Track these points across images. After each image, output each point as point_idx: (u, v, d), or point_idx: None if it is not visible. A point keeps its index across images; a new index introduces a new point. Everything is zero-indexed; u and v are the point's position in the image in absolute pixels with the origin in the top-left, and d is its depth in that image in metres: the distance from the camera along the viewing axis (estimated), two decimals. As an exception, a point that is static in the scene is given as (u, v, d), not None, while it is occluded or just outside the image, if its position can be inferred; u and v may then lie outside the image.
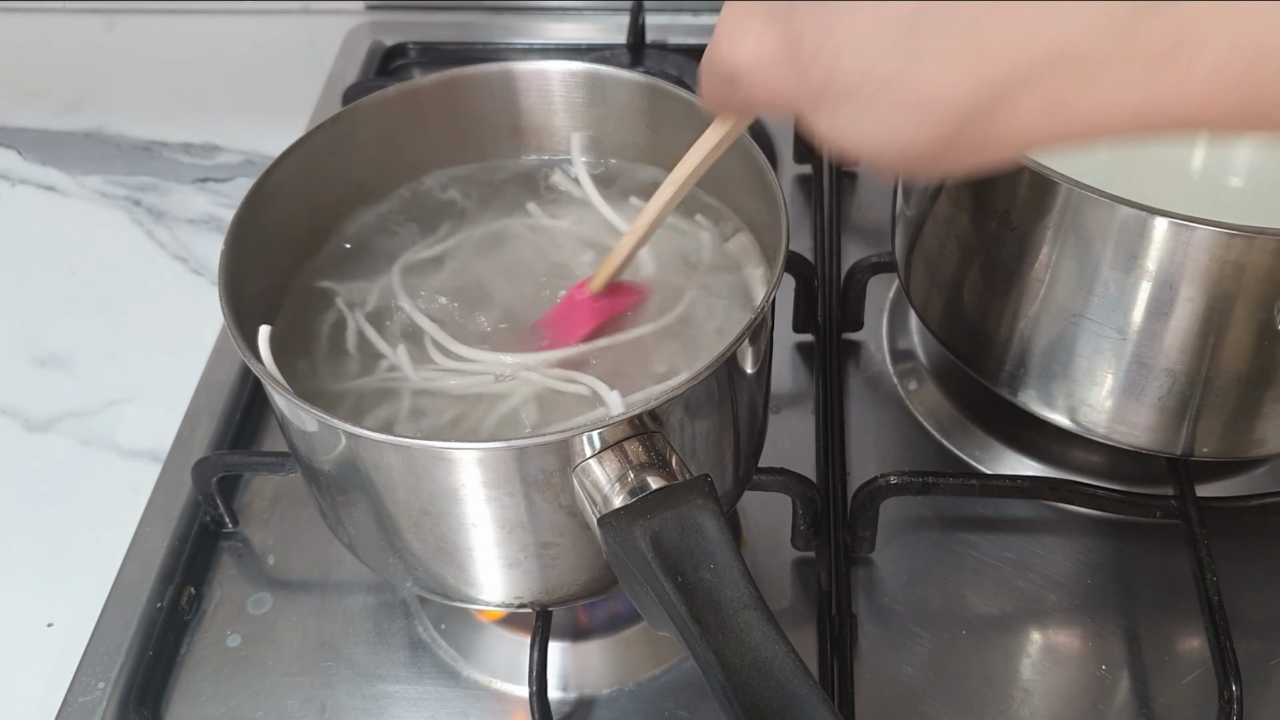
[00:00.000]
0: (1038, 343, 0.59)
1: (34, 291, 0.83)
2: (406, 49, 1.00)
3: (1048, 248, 0.55)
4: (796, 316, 0.75)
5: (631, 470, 0.44)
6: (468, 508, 0.47)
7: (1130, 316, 0.55)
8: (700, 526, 0.42)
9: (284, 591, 0.64)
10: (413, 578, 0.53)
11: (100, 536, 0.66)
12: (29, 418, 0.75)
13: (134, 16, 1.08)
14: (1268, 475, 0.67)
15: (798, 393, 0.73)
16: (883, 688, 0.59)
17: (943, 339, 0.66)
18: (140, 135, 0.95)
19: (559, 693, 0.59)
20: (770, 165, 0.54)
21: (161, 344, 0.78)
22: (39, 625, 0.63)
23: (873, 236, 0.82)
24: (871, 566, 0.64)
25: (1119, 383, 0.57)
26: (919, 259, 0.66)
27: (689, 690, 0.59)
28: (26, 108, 0.98)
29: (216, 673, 0.61)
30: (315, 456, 0.50)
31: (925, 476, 0.63)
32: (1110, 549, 0.64)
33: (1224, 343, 0.54)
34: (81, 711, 0.59)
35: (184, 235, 0.87)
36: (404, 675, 0.60)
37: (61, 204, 0.90)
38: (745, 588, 0.41)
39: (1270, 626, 0.61)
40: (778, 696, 0.39)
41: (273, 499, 0.68)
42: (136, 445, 0.72)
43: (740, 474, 0.56)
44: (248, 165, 0.92)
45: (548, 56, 0.60)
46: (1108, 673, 0.59)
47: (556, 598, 0.52)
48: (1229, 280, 0.51)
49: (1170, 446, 0.59)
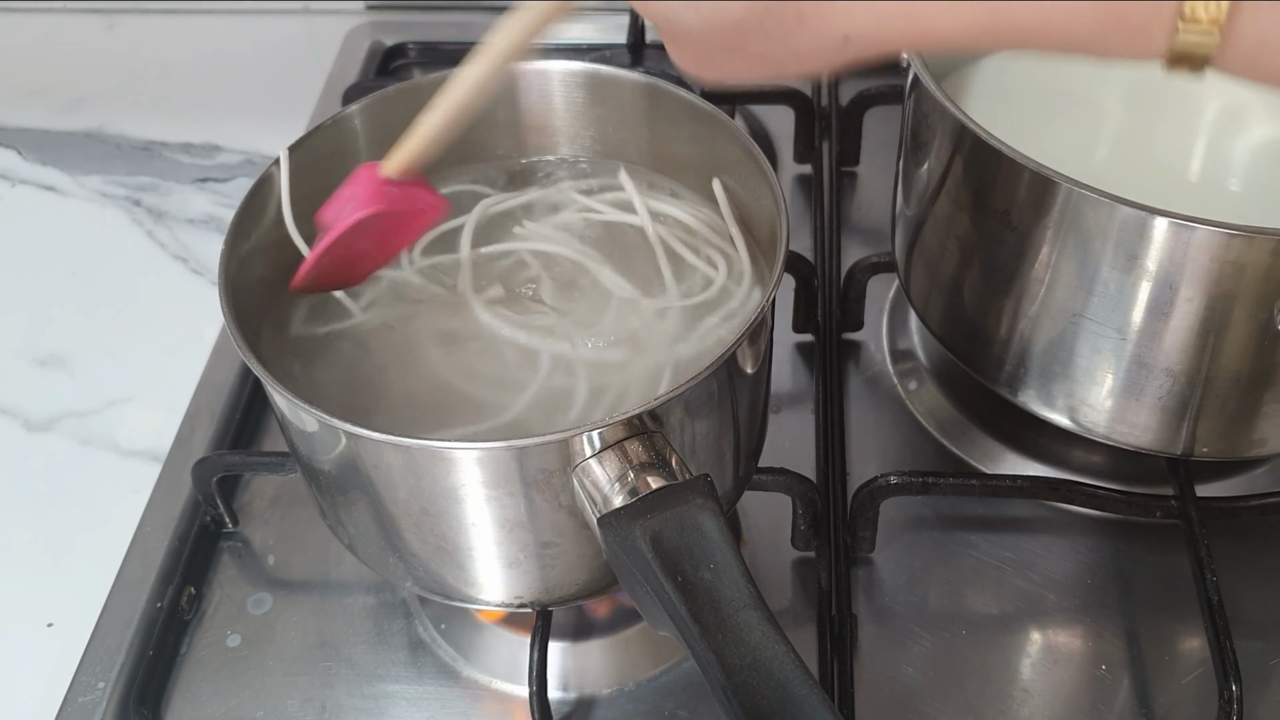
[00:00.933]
0: (1038, 343, 0.59)
1: (34, 291, 0.83)
2: (406, 49, 1.00)
3: (1048, 248, 0.55)
4: (796, 316, 0.75)
5: (631, 470, 0.44)
6: (468, 507, 0.47)
7: (1130, 316, 0.55)
8: (700, 526, 0.42)
9: (284, 591, 0.64)
10: (413, 578, 0.53)
11: (100, 536, 0.66)
12: (29, 418, 0.75)
13: (134, 16, 1.08)
14: (1268, 475, 0.67)
15: (798, 393, 0.73)
16: (883, 688, 0.59)
17: (943, 339, 0.66)
18: (140, 135, 0.95)
19: (559, 693, 0.59)
20: (770, 165, 0.54)
21: (161, 344, 0.78)
22: (39, 625, 0.63)
23: (873, 236, 0.82)
24: (871, 566, 0.64)
25: (1119, 383, 0.57)
26: (919, 259, 0.66)
27: (689, 690, 0.59)
28: (26, 108, 0.98)
29: (216, 673, 0.61)
30: (315, 456, 0.50)
31: (925, 476, 0.63)
32: (1110, 549, 0.64)
33: (1224, 343, 0.54)
34: (81, 711, 0.59)
35: (184, 235, 0.87)
36: (404, 675, 0.60)
37: (61, 204, 0.90)
38: (745, 587, 0.41)
39: (1270, 626, 0.61)
40: (778, 696, 0.39)
41: (273, 499, 0.68)
42: (136, 445, 0.72)
43: (740, 474, 0.56)
44: (248, 165, 0.92)
45: (548, 56, 0.59)
46: (1108, 673, 0.59)
47: (556, 598, 0.52)
48: (1229, 280, 0.51)
49: (1170, 446, 0.59)
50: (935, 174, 0.60)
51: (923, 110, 0.61)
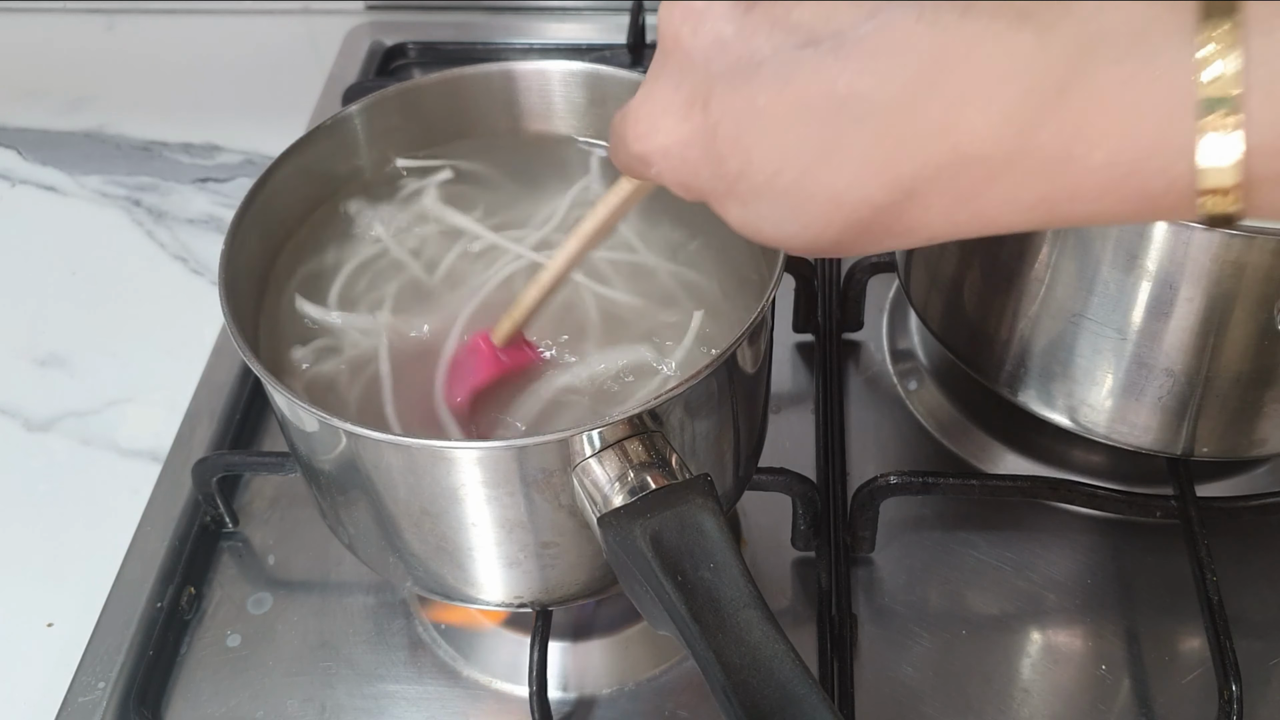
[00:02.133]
0: (1038, 343, 0.59)
1: (34, 291, 0.83)
2: (406, 49, 1.00)
3: (1048, 248, 0.55)
4: (796, 316, 0.75)
5: (631, 469, 0.44)
6: (468, 507, 0.47)
7: (1130, 316, 0.55)
8: (700, 526, 0.42)
9: (284, 591, 0.64)
10: (413, 578, 0.53)
11: (100, 536, 0.66)
12: (29, 418, 0.75)
13: (134, 16, 1.08)
14: (1268, 475, 0.67)
15: (798, 393, 0.73)
16: (883, 688, 0.59)
17: (943, 339, 0.66)
18: (140, 135, 0.95)
19: (559, 693, 0.59)
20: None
21: (161, 344, 0.78)
22: (39, 625, 0.63)
23: (873, 236, 0.81)
24: (871, 566, 0.64)
25: (1119, 383, 0.57)
26: (919, 259, 0.66)
27: (689, 690, 0.59)
28: (26, 108, 0.98)
29: (216, 673, 0.61)
30: (315, 456, 0.50)
31: (925, 476, 0.63)
32: (1110, 549, 0.64)
33: (1224, 343, 0.54)
34: (81, 711, 0.59)
35: (184, 235, 0.87)
36: (404, 675, 0.60)
37: (61, 204, 0.90)
38: (745, 587, 0.41)
39: (1270, 626, 0.61)
40: (778, 696, 0.39)
41: (273, 499, 0.68)
42: (136, 445, 0.72)
43: (740, 474, 0.56)
44: (248, 165, 0.92)
45: (548, 56, 0.60)
46: (1108, 673, 0.59)
47: (556, 597, 0.52)
48: (1229, 280, 0.51)
49: (1170, 446, 0.59)
50: (935, 174, 0.60)
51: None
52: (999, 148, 0.31)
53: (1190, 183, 0.29)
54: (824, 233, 0.34)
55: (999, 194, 0.32)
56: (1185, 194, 0.30)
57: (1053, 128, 0.30)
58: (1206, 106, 0.28)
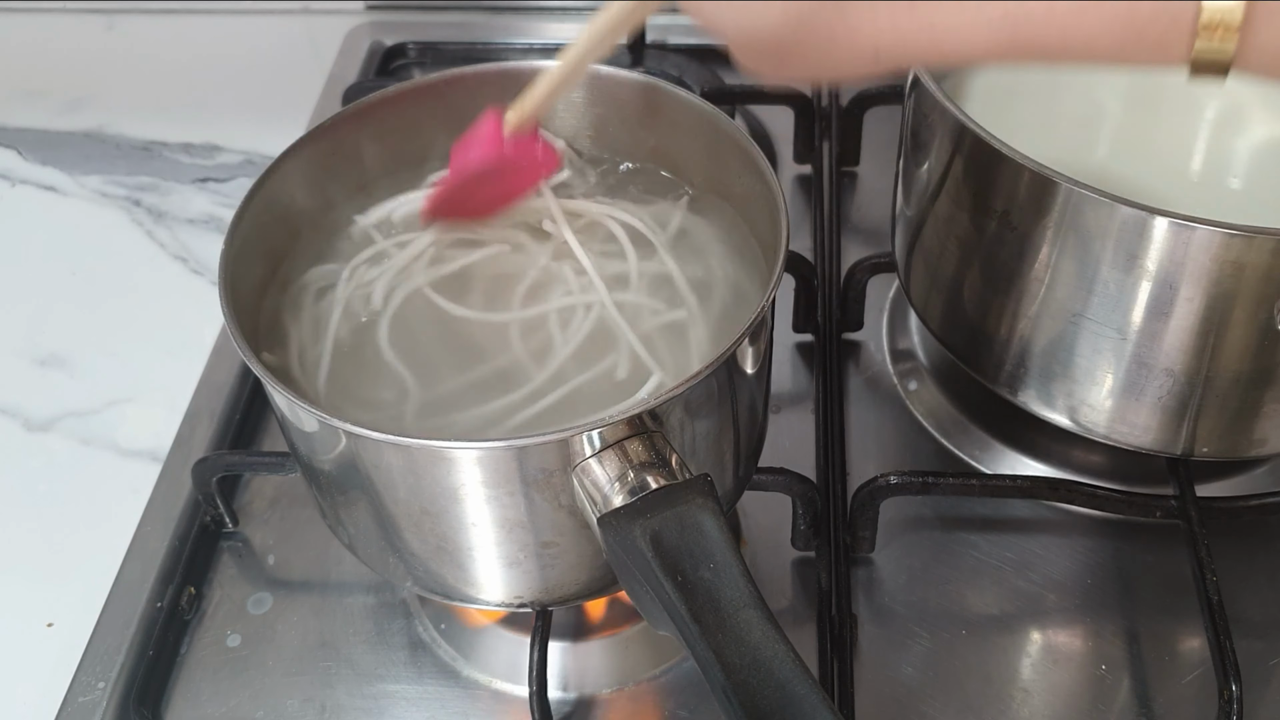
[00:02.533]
0: (1038, 343, 0.59)
1: (34, 291, 0.83)
2: (406, 49, 1.00)
3: (1048, 248, 0.55)
4: (796, 316, 0.75)
5: (631, 470, 0.44)
6: (468, 507, 0.47)
7: (1130, 316, 0.55)
8: (700, 526, 0.42)
9: (284, 591, 0.64)
10: (413, 577, 0.53)
11: (100, 536, 0.66)
12: (29, 418, 0.75)
13: (134, 16, 1.08)
14: (1268, 475, 0.67)
15: (798, 393, 0.73)
16: (883, 688, 0.59)
17: (943, 339, 0.66)
18: (140, 135, 0.95)
19: (559, 693, 0.59)
20: (770, 165, 0.54)
21: (161, 344, 0.78)
22: (39, 625, 0.63)
23: (873, 236, 0.82)
24: (871, 566, 0.64)
25: (1119, 383, 0.57)
26: (919, 259, 0.66)
27: (689, 690, 0.59)
28: (26, 108, 0.98)
29: (216, 673, 0.61)
30: (315, 456, 0.50)
31: (925, 476, 0.63)
32: (1110, 549, 0.64)
33: (1224, 343, 0.54)
34: (81, 711, 0.59)
35: (184, 235, 0.87)
36: (404, 675, 0.60)
37: (61, 204, 0.90)
38: (745, 587, 0.41)
39: (1270, 626, 0.61)
40: (778, 696, 0.39)
41: (273, 499, 0.68)
42: (136, 445, 0.72)
43: (740, 474, 0.56)
44: (248, 165, 0.92)
45: (548, 56, 0.59)
46: (1108, 673, 0.59)
47: (556, 597, 0.52)
48: (1229, 280, 0.51)
49: (1170, 446, 0.59)
50: (935, 174, 0.60)
51: (923, 110, 0.61)
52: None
53: (1188, 9, 0.26)
54: (763, 21, 0.33)
55: (939, 13, 0.29)
56: (1179, 21, 0.27)
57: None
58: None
